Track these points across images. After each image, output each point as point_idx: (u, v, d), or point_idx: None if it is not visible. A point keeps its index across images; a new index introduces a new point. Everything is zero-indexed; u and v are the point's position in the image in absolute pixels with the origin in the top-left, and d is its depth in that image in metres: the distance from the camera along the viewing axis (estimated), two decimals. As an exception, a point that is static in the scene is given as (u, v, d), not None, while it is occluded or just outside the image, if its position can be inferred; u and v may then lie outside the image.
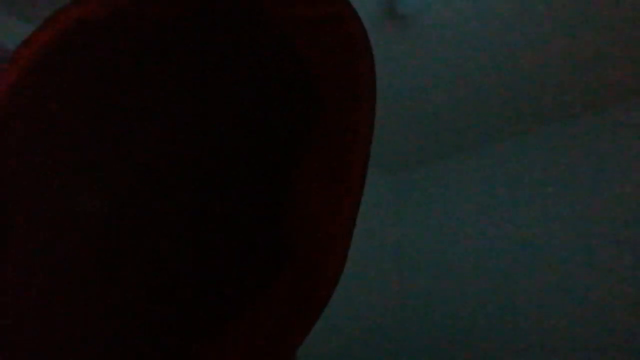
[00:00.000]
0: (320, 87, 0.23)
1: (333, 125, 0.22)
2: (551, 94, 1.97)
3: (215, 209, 0.26)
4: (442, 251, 2.65)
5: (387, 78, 1.89)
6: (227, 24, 0.24)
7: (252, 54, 0.25)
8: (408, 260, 2.84)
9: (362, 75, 0.22)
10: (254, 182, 0.25)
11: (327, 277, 0.21)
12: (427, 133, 2.42)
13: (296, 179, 0.23)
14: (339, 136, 0.22)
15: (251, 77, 0.25)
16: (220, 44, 0.25)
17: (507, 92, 1.97)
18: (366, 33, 0.22)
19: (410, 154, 2.72)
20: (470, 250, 2.49)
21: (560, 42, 1.62)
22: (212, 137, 0.27)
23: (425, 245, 2.76)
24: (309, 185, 0.23)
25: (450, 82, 1.90)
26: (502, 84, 1.91)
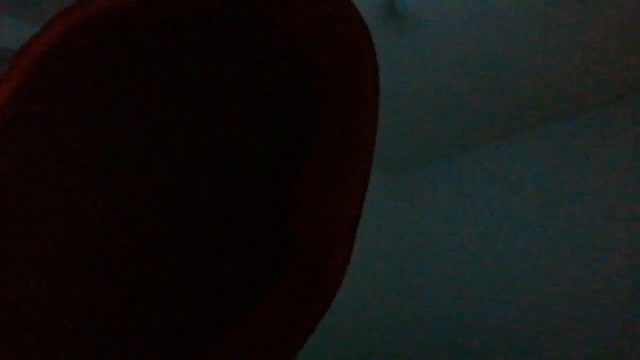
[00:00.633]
0: (325, 87, 0.23)
1: (337, 125, 0.22)
2: (551, 94, 1.98)
3: (218, 209, 0.26)
4: (442, 251, 2.65)
5: (387, 78, 1.89)
6: (232, 25, 0.24)
7: (256, 55, 0.25)
8: (408, 260, 2.84)
9: (365, 76, 0.22)
10: (258, 182, 0.25)
11: (330, 279, 0.21)
12: (427, 133, 2.42)
13: (300, 178, 0.23)
14: (343, 136, 0.22)
15: (255, 77, 0.25)
16: (224, 45, 0.25)
17: (507, 92, 1.97)
18: (369, 33, 0.22)
19: (410, 154, 2.72)
20: (470, 250, 2.49)
21: (560, 42, 1.62)
22: (216, 137, 0.27)
23: (425, 245, 2.76)
24: (313, 185, 0.23)
25: (450, 82, 1.90)
26: (502, 84, 1.91)
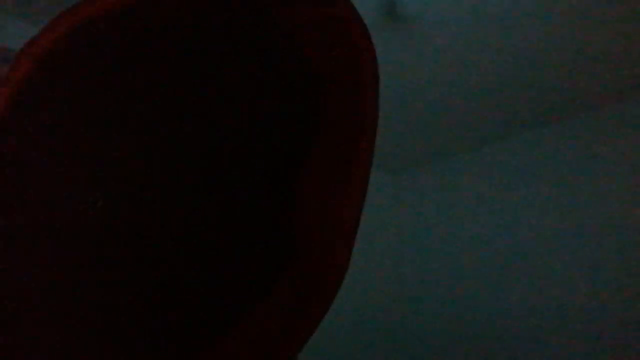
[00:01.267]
0: (324, 88, 0.23)
1: (337, 124, 0.22)
2: (551, 93, 1.98)
3: (218, 210, 0.26)
4: (442, 251, 2.65)
5: (387, 78, 1.89)
6: (232, 25, 0.24)
7: (255, 55, 0.25)
8: (408, 260, 2.84)
9: (365, 76, 0.22)
10: (257, 182, 0.25)
11: (330, 279, 0.21)
12: (427, 133, 2.42)
13: (300, 178, 0.23)
14: (342, 134, 0.22)
15: (255, 77, 0.25)
16: (224, 45, 0.25)
17: (507, 92, 1.98)
18: (369, 33, 0.22)
19: (410, 154, 2.72)
20: (470, 250, 2.49)
21: (560, 42, 1.62)
22: (216, 136, 0.27)
23: (425, 245, 2.76)
24: (312, 185, 0.23)
25: (450, 82, 1.90)
26: (502, 84, 1.91)
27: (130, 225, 0.26)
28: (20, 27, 1.55)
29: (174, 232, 0.26)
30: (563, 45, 1.64)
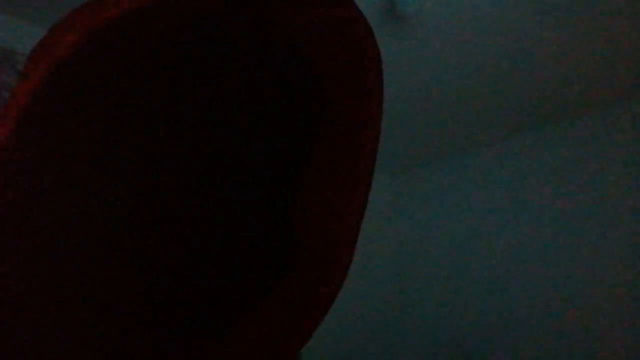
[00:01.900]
0: (328, 89, 0.23)
1: (341, 127, 0.22)
2: (551, 94, 1.98)
3: (224, 211, 0.27)
4: (442, 251, 2.65)
5: (386, 78, 1.89)
6: (236, 27, 0.24)
7: (260, 57, 0.25)
8: (408, 261, 2.84)
9: (369, 77, 0.22)
10: (262, 183, 0.25)
11: (332, 279, 0.21)
12: (427, 133, 2.42)
13: (303, 179, 0.23)
14: (346, 137, 0.22)
15: (259, 79, 0.26)
16: (228, 47, 0.25)
17: (507, 92, 1.98)
18: (373, 34, 0.23)
19: (410, 154, 2.72)
20: (470, 250, 2.49)
21: (560, 42, 1.63)
22: (221, 139, 0.27)
23: (425, 246, 2.76)
24: (315, 186, 0.23)
25: (450, 82, 1.91)
26: (502, 84, 1.92)
27: (142, 222, 0.26)
28: (21, 27, 1.55)
29: (181, 232, 0.26)
30: (563, 44, 1.64)
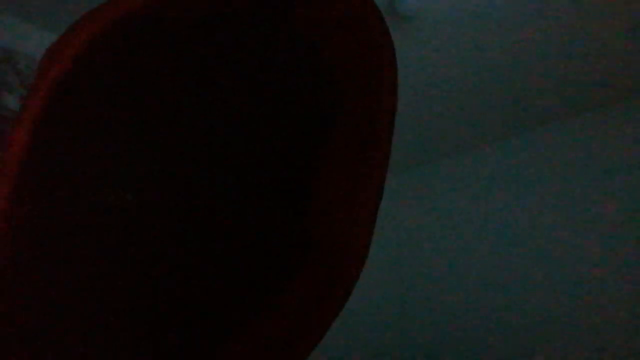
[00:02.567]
0: (343, 85, 0.23)
1: (356, 120, 0.22)
2: (551, 93, 1.98)
3: (237, 207, 0.27)
4: (442, 250, 2.65)
5: (387, 78, 1.89)
6: (249, 26, 0.24)
7: (276, 53, 0.25)
8: (407, 260, 2.84)
9: (383, 72, 0.22)
10: (276, 180, 0.25)
11: (346, 276, 0.21)
12: (427, 133, 2.42)
13: (318, 176, 0.23)
14: (361, 133, 0.22)
15: (275, 74, 0.26)
16: (243, 45, 0.25)
17: (507, 92, 1.98)
18: (388, 31, 0.23)
19: (410, 154, 2.72)
20: (470, 250, 2.49)
21: (560, 42, 1.63)
22: (236, 136, 0.27)
23: (425, 245, 2.76)
24: (330, 182, 0.23)
25: (450, 82, 1.91)
26: (502, 84, 1.92)
27: (154, 219, 0.26)
28: (21, 27, 1.54)
29: (195, 228, 0.26)
30: (564, 44, 1.64)
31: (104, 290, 0.26)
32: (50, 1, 1.46)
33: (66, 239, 0.25)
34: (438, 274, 2.64)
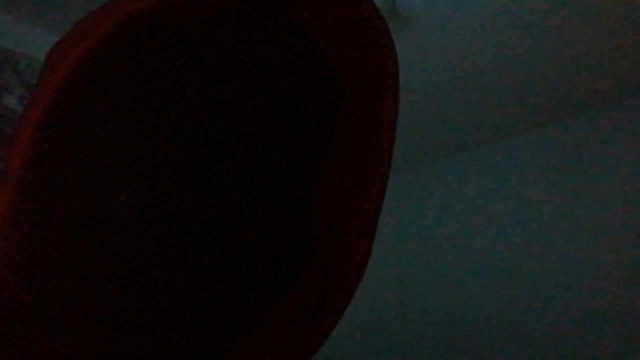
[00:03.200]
0: (345, 84, 0.23)
1: (357, 120, 0.22)
2: (551, 93, 1.99)
3: (240, 208, 0.27)
4: (442, 251, 2.65)
5: (387, 78, 1.89)
6: (252, 25, 0.24)
7: (280, 53, 0.25)
8: (407, 260, 2.84)
9: (385, 73, 0.23)
10: (278, 180, 0.25)
11: (349, 277, 0.21)
12: (427, 133, 2.43)
13: (320, 176, 0.23)
14: (363, 133, 0.22)
15: (279, 75, 0.26)
16: (245, 45, 0.25)
17: (508, 92, 1.98)
18: (389, 30, 0.23)
19: (410, 154, 2.73)
20: (470, 250, 2.50)
21: (561, 42, 1.63)
22: (239, 137, 0.27)
23: (425, 245, 2.76)
24: (332, 183, 0.23)
25: (450, 82, 1.91)
26: (502, 84, 1.92)
27: (162, 220, 0.26)
28: (21, 28, 1.54)
29: (198, 228, 0.26)
30: (564, 45, 1.64)
31: (108, 290, 0.26)
32: (50, 1, 1.46)
33: (70, 238, 0.25)
34: (438, 274, 2.64)
